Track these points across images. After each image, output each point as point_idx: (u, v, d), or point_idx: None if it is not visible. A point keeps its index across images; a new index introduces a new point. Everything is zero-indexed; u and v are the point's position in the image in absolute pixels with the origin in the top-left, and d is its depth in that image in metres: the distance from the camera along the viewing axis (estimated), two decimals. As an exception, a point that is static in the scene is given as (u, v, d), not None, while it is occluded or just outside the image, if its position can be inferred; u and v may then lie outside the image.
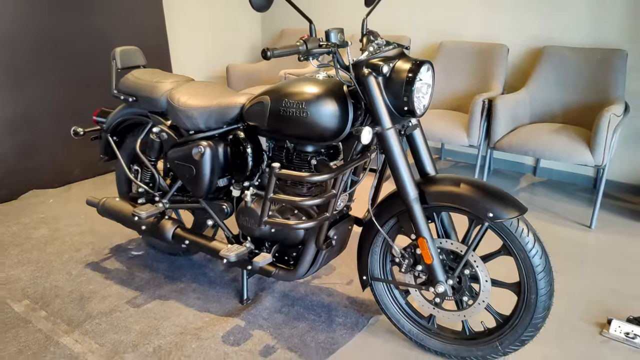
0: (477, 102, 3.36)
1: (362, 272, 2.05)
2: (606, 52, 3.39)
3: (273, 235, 2.09)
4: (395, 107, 1.76)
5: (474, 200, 1.71)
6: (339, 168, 1.81)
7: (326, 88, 1.84)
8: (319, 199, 1.80)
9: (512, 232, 1.70)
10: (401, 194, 1.79)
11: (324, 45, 1.71)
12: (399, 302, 2.04)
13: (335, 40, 1.74)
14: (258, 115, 1.97)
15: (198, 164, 2.15)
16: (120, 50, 2.42)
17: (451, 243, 1.83)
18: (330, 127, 1.82)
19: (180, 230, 2.31)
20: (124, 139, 2.59)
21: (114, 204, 2.48)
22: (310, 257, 2.00)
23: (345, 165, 1.83)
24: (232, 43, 5.10)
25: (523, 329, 1.77)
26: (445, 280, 1.81)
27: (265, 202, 1.86)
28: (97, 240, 2.89)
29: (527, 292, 1.73)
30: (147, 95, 2.30)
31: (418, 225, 1.79)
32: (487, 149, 3.53)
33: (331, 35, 1.74)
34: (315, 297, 2.36)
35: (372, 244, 1.98)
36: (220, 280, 2.51)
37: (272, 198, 1.84)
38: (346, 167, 1.83)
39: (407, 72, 1.71)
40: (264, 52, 1.61)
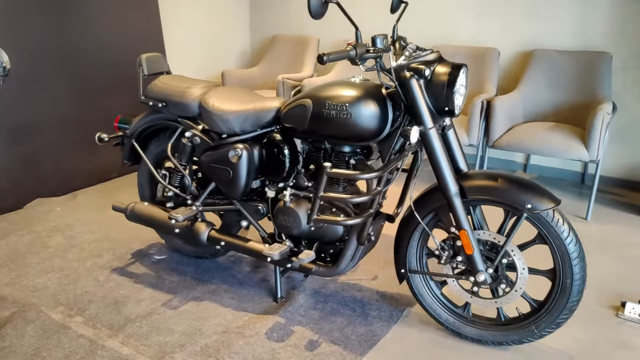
0: (476, 103, 3.52)
1: (399, 266, 2.15)
2: (592, 54, 3.61)
3: (312, 233, 2.17)
4: (436, 107, 1.87)
5: (513, 194, 1.84)
6: (385, 166, 1.91)
7: (367, 90, 1.94)
8: (367, 195, 1.90)
9: (549, 221, 1.83)
10: (442, 189, 1.91)
11: (372, 50, 1.81)
12: (435, 292, 2.15)
13: (381, 46, 1.84)
14: (298, 118, 2.05)
15: (235, 167, 2.21)
16: (146, 56, 2.46)
17: (489, 234, 1.95)
18: (371, 128, 1.92)
19: (215, 232, 2.36)
20: (147, 145, 2.62)
21: (144, 208, 2.50)
22: (351, 252, 2.09)
23: (389, 164, 1.93)
24: (223, 50, 5.14)
25: (559, 312, 1.90)
26: (485, 270, 1.93)
27: (315, 201, 1.94)
28: (116, 247, 2.90)
29: (563, 278, 1.87)
30: (177, 100, 2.35)
31: (459, 218, 1.91)
32: (485, 147, 3.70)
33: (377, 41, 1.84)
34: (346, 293, 2.45)
35: (410, 238, 2.09)
36: (250, 280, 2.56)
37: (322, 196, 1.93)
38: (390, 165, 1.93)
39: (447, 74, 1.83)
40: (320, 57, 1.69)
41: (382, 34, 1.85)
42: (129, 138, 2.60)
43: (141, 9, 3.97)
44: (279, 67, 4.83)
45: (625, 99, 3.65)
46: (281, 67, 4.81)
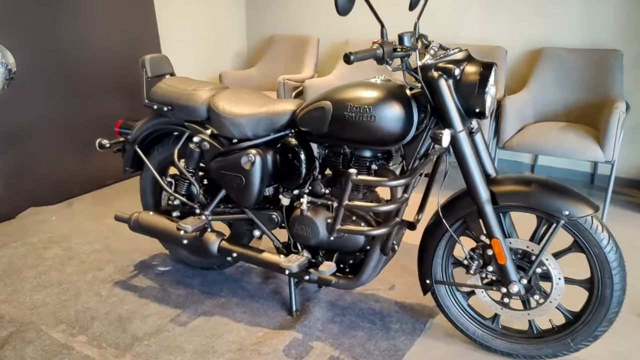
0: (486, 103, 3.42)
1: (424, 276, 2.03)
2: (603, 52, 3.53)
3: (331, 243, 2.04)
4: (465, 109, 1.76)
5: (548, 200, 1.74)
6: (413, 172, 1.80)
7: (390, 92, 1.83)
8: (395, 204, 1.78)
9: (587, 229, 1.73)
10: (473, 195, 1.80)
11: (399, 49, 1.70)
12: (461, 304, 2.04)
13: (409, 44, 1.73)
14: (316, 121, 1.93)
15: (247, 174, 2.08)
16: (150, 58, 2.32)
17: (522, 242, 1.85)
18: (395, 131, 1.81)
19: (226, 243, 2.23)
20: (150, 151, 2.48)
21: (149, 218, 2.36)
22: (374, 263, 1.97)
23: (417, 169, 1.82)
24: (219, 51, 4.99)
25: (597, 324, 1.80)
26: (518, 280, 1.83)
27: (339, 210, 1.82)
28: (117, 258, 2.75)
29: (602, 288, 1.76)
30: (184, 103, 2.22)
31: (491, 226, 1.80)
32: (496, 149, 3.60)
33: (404, 39, 1.73)
34: (364, 305, 2.33)
35: (436, 247, 1.97)
36: (261, 292, 2.43)
37: (347, 205, 1.81)
38: (417, 170, 1.82)
39: (478, 74, 1.72)
40: (347, 56, 1.58)
41: (409, 32, 1.74)
42: (131, 144, 2.46)
43: (137, 11, 3.82)
44: (277, 68, 4.71)
45: (636, 97, 3.57)
46: (280, 68, 4.68)
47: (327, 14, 4.70)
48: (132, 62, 3.75)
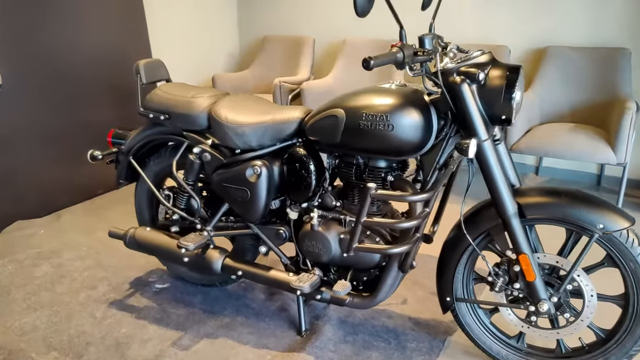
0: (491, 104, 3.30)
1: (444, 293, 1.91)
2: (610, 50, 3.44)
3: (344, 260, 1.91)
4: (489, 115, 1.64)
5: (581, 212, 1.62)
6: (435, 185, 1.67)
7: (408, 98, 1.70)
8: (416, 219, 1.66)
9: (622, 243, 1.61)
10: (498, 208, 1.67)
11: (421, 53, 1.56)
12: (483, 322, 1.92)
13: (430, 47, 1.60)
14: (328, 130, 1.79)
15: (253, 186, 1.94)
16: (145, 63, 2.17)
17: (551, 257, 1.73)
18: (414, 140, 1.68)
19: (231, 260, 2.09)
20: (145, 162, 2.32)
21: (146, 235, 2.21)
22: (392, 280, 1.84)
23: (438, 182, 1.69)
24: (211, 53, 4.83)
25: (632, 343, 1.69)
26: (548, 298, 1.71)
27: (356, 227, 1.69)
28: (111, 275, 2.60)
29: (637, 304, 1.65)
30: (183, 112, 2.07)
31: (518, 241, 1.68)
32: (502, 151, 3.49)
33: (425, 42, 1.60)
34: (376, 322, 2.20)
35: (458, 262, 1.85)
36: (267, 310, 2.29)
37: (366, 222, 1.67)
38: (440, 183, 1.69)
39: (504, 78, 1.60)
40: (366, 61, 1.45)
41: (430, 34, 1.61)
42: (124, 155, 2.31)
43: (126, 13, 3.65)
44: (272, 70, 4.56)
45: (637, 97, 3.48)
46: (275, 70, 4.54)
47: (323, 13, 4.56)
48: (122, 67, 3.59)
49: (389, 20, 4.26)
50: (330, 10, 4.52)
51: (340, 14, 4.46)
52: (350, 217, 1.88)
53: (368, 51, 4.21)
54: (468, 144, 1.55)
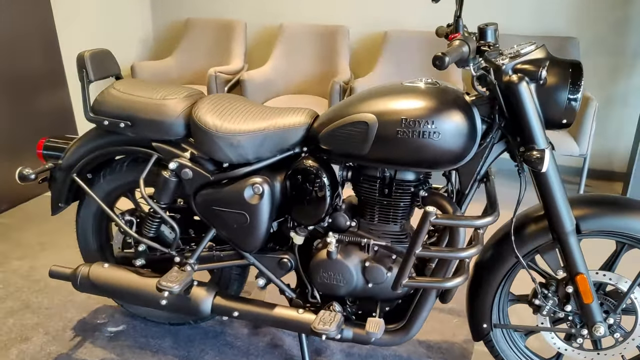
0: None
1: (480, 320, 1.68)
2: (559, 40, 3.42)
3: (366, 292, 1.62)
4: (548, 119, 1.42)
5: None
6: (494, 204, 1.43)
7: (450, 99, 1.44)
8: (479, 245, 1.40)
9: (682, 254, 1.48)
10: (555, 224, 1.47)
11: (488, 47, 1.30)
12: (519, 347, 1.73)
13: (493, 40, 1.34)
14: (354, 139, 1.47)
15: (254, 210, 1.58)
16: (91, 54, 1.69)
17: (604, 275, 1.56)
18: (458, 148, 1.42)
19: (222, 299, 1.70)
20: (93, 179, 1.85)
21: (105, 274, 1.74)
22: (427, 312, 1.58)
23: (495, 199, 1.45)
24: (122, 38, 4.20)
25: (684, 360, 1.58)
26: (604, 320, 1.54)
27: (409, 259, 1.39)
28: (45, 320, 2.08)
29: (692, 318, 1.54)
30: (152, 118, 1.63)
31: (576, 260, 1.49)
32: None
33: (488, 33, 1.33)
34: (385, 351, 1.94)
35: (499, 285, 1.63)
36: (255, 349, 1.94)
37: (420, 254, 1.38)
38: (494, 198, 1.45)
39: (568, 76, 1.38)
40: (440, 59, 1.16)
41: (493, 24, 1.35)
42: (64, 171, 1.81)
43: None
44: (199, 58, 4.07)
45: (587, 86, 3.52)
46: (203, 58, 4.05)
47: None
48: (24, 59, 2.95)
49: (327, 3, 3.96)
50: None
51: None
52: (375, 240, 1.58)
53: (307, 38, 3.88)
54: (541, 155, 1.32)
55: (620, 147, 3.55)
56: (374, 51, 3.88)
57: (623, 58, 3.42)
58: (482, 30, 1.35)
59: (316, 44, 3.86)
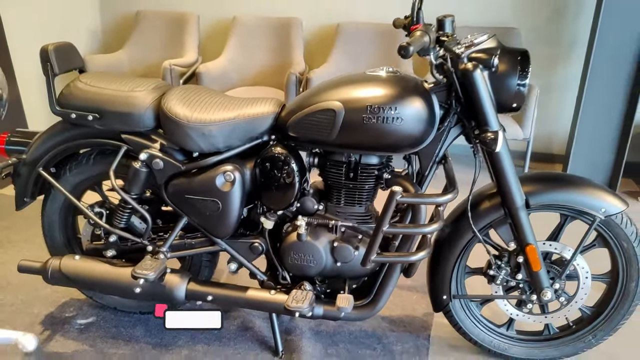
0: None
1: (440, 292, 1.81)
2: (502, 30, 3.61)
3: (335, 271, 1.71)
4: (500, 103, 1.55)
5: (585, 198, 1.63)
6: (452, 181, 1.55)
7: (410, 86, 1.55)
8: (441, 221, 1.52)
9: (618, 224, 1.65)
10: (507, 201, 1.61)
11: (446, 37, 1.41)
12: (475, 315, 1.87)
13: (450, 30, 1.45)
14: (321, 126, 1.55)
15: (225, 196, 1.64)
16: (55, 47, 1.69)
17: (549, 245, 1.72)
18: (419, 133, 1.54)
19: (197, 284, 1.75)
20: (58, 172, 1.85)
21: (77, 265, 1.75)
22: (392, 287, 1.70)
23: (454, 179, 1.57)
24: (69, 31, 4.11)
25: (620, 317, 1.76)
26: (551, 285, 1.70)
27: (377, 236, 1.49)
28: (12, 316, 2.06)
29: (626, 281, 1.72)
30: (120, 110, 1.66)
31: (526, 232, 1.64)
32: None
33: (446, 24, 1.44)
34: (352, 327, 2.04)
35: (458, 258, 1.76)
36: (227, 332, 2.00)
37: (388, 231, 1.48)
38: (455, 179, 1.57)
39: (517, 64, 1.51)
40: (405, 49, 1.25)
41: (450, 15, 1.46)
42: (29, 166, 1.80)
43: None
44: (151, 51, 4.04)
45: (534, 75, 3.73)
46: (154, 51, 4.02)
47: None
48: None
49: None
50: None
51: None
52: (342, 222, 1.68)
53: (261, 30, 3.92)
54: (495, 136, 1.44)
55: (560, 131, 3.80)
56: (327, 43, 3.97)
57: (560, 47, 3.66)
58: (440, 22, 1.46)
59: (270, 36, 3.91)
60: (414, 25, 1.45)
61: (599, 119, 3.25)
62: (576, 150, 3.36)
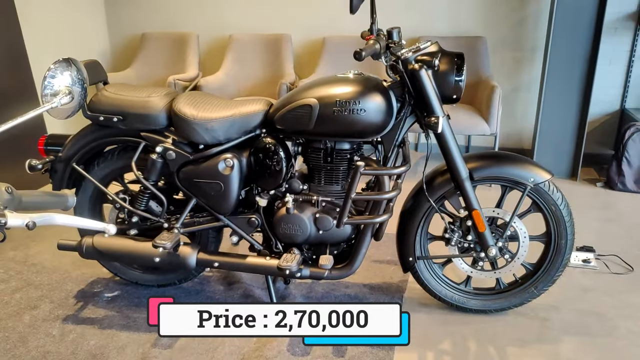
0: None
1: (406, 255, 2.18)
2: (470, 39, 4.03)
3: (318, 238, 2.09)
4: (443, 96, 1.94)
5: (516, 170, 2.01)
6: (408, 159, 1.94)
7: (371, 84, 1.93)
8: (398, 189, 1.90)
9: (546, 191, 2.03)
10: (454, 174, 1.99)
11: (393, 44, 1.80)
12: (438, 274, 2.24)
13: (397, 39, 1.84)
14: (301, 119, 1.94)
15: (227, 179, 2.02)
16: (85, 64, 2.08)
17: (492, 210, 2.09)
18: (380, 122, 1.92)
19: (205, 254, 2.13)
20: (88, 167, 2.23)
21: (107, 241, 2.13)
22: (365, 248, 2.07)
23: (408, 157, 1.96)
24: (80, 51, 4.53)
25: (555, 270, 2.13)
26: (495, 244, 2.07)
27: (347, 203, 1.88)
28: (49, 293, 2.43)
29: (557, 239, 2.09)
30: (140, 112, 2.05)
31: (471, 200, 2.02)
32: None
33: (394, 34, 1.84)
34: (337, 292, 2.41)
35: (419, 225, 2.13)
36: (232, 299, 2.37)
37: (356, 197, 1.87)
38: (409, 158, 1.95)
39: (454, 63, 1.91)
40: (359, 54, 1.65)
41: (396, 27, 1.86)
42: (64, 162, 2.19)
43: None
44: (156, 68, 4.45)
45: (497, 77, 4.13)
46: (160, 68, 4.44)
47: (200, 7, 4.56)
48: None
49: (271, 14, 4.43)
50: (209, 6, 4.53)
51: (221, 9, 4.51)
52: (322, 197, 2.06)
53: (255, 46, 4.34)
54: (437, 120, 1.83)
55: (527, 127, 4.20)
56: (315, 55, 4.38)
57: (523, 52, 4.07)
58: (389, 32, 1.85)
59: (263, 51, 4.32)
60: (368, 36, 1.84)
61: (557, 115, 3.65)
62: (540, 144, 3.76)
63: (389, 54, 1.85)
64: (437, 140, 1.96)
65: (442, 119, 1.85)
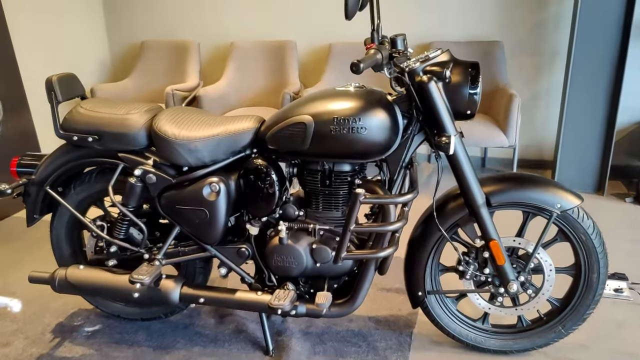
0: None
1: (415, 289, 1.94)
2: (486, 44, 3.77)
3: (316, 271, 1.85)
4: (455, 111, 1.70)
5: (541, 195, 1.75)
6: (414, 185, 1.70)
7: (374, 99, 1.70)
8: (404, 220, 1.66)
9: (575, 218, 1.78)
10: (469, 200, 1.75)
11: (397, 53, 1.57)
12: (451, 310, 1.99)
13: (402, 47, 1.61)
14: (295, 138, 1.72)
15: (212, 206, 1.80)
16: (58, 78, 1.88)
17: (512, 240, 1.85)
18: (384, 141, 1.69)
19: (189, 288, 1.91)
20: (63, 191, 2.03)
21: (82, 274, 1.92)
22: (368, 283, 1.83)
23: (416, 181, 1.72)
24: (79, 61, 4.37)
25: (586, 307, 1.87)
26: (516, 278, 1.82)
27: (345, 235, 1.64)
28: (24, 326, 2.23)
29: (589, 273, 1.84)
30: (117, 131, 1.84)
31: (488, 229, 1.77)
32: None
33: (398, 42, 1.60)
34: (339, 327, 2.18)
35: (429, 256, 1.89)
36: (222, 335, 2.15)
37: (354, 229, 1.63)
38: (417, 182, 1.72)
39: (468, 74, 1.67)
40: (356, 66, 1.41)
41: (401, 34, 1.62)
42: (37, 185, 1.99)
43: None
44: (156, 77, 4.26)
45: (515, 84, 3.88)
46: (159, 78, 4.25)
47: (201, 14, 4.37)
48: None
49: (275, 20, 4.22)
50: (209, 13, 4.34)
51: (223, 16, 4.31)
52: (320, 225, 1.83)
53: (258, 53, 4.13)
54: (448, 141, 1.59)
55: (548, 137, 3.92)
56: (321, 62, 4.16)
57: (543, 57, 3.80)
58: (393, 40, 1.62)
59: (266, 59, 4.11)
60: (368, 45, 1.61)
61: (581, 124, 3.38)
62: (563, 156, 3.48)
63: (392, 65, 1.62)
64: (449, 162, 1.72)
65: (454, 138, 1.61)
